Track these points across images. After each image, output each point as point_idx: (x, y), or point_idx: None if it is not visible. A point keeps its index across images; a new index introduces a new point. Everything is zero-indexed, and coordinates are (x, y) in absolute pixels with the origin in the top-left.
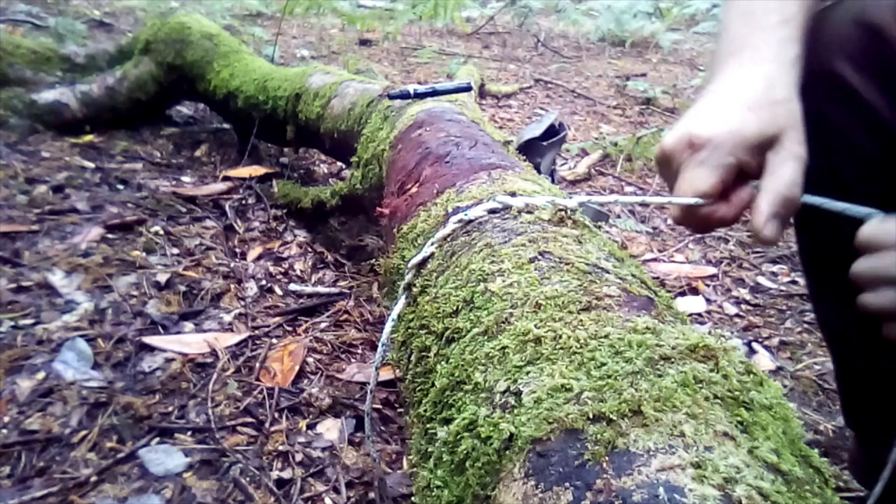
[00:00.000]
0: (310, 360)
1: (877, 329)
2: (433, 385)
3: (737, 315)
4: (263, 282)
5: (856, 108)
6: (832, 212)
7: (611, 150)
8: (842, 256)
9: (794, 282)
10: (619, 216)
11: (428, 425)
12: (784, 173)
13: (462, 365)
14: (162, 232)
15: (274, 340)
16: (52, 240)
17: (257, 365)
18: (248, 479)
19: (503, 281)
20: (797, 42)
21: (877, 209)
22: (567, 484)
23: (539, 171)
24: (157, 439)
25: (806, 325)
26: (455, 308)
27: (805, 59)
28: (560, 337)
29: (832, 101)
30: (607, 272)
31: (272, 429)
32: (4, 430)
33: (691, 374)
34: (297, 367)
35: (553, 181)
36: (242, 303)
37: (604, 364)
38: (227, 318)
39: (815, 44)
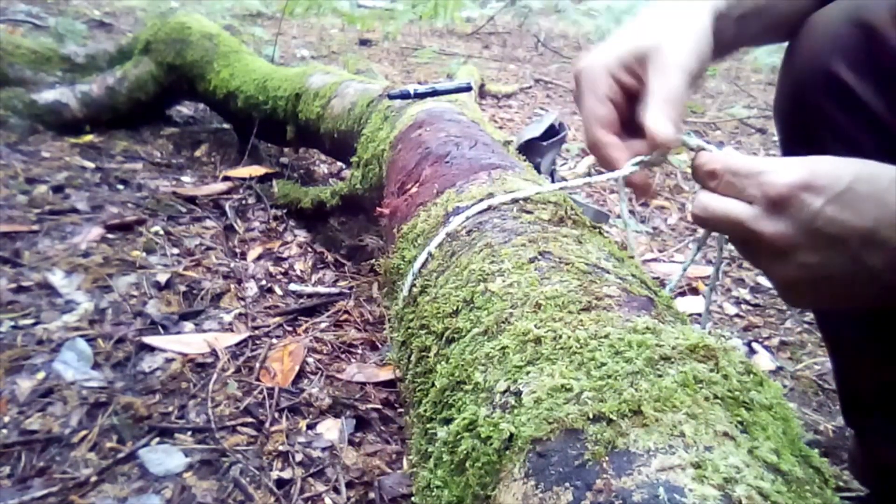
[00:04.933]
0: (310, 360)
1: (877, 329)
2: (433, 385)
3: (737, 315)
4: (263, 282)
5: (852, 106)
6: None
7: None
8: None
9: None
10: (619, 216)
11: (428, 425)
12: (661, 81)
13: (462, 365)
14: (162, 232)
15: (274, 340)
16: (52, 240)
17: (257, 365)
18: (248, 479)
19: (503, 281)
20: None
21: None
22: (567, 484)
23: (539, 171)
24: (157, 439)
25: (806, 325)
26: (455, 308)
27: (803, 57)
28: (560, 337)
29: (830, 99)
30: (607, 272)
31: (272, 429)
32: (4, 430)
33: (691, 374)
34: (297, 367)
35: (553, 181)
36: (242, 303)
37: (604, 364)
38: (227, 318)
39: (811, 43)
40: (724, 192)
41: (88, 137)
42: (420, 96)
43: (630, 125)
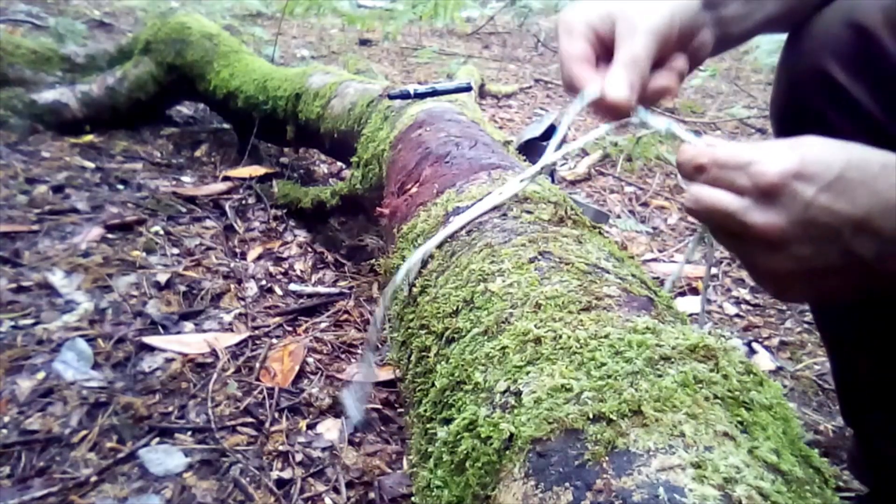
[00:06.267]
0: (310, 360)
1: (876, 329)
2: (433, 385)
3: (737, 315)
4: (263, 282)
5: (847, 107)
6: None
7: (611, 150)
8: None
9: None
10: (619, 216)
11: (428, 425)
12: (626, 43)
13: (462, 365)
14: (162, 232)
15: (274, 340)
16: (52, 240)
17: (257, 365)
18: (248, 479)
19: (503, 281)
20: None
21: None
22: (567, 484)
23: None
24: (157, 439)
25: (806, 325)
26: (455, 308)
27: (798, 58)
28: (560, 337)
29: (824, 100)
30: (607, 272)
31: (272, 429)
32: (4, 430)
33: (691, 374)
34: (297, 367)
35: (553, 181)
36: (242, 303)
37: (604, 364)
38: (227, 318)
39: (807, 44)
40: (713, 185)
41: (88, 137)
42: (420, 96)
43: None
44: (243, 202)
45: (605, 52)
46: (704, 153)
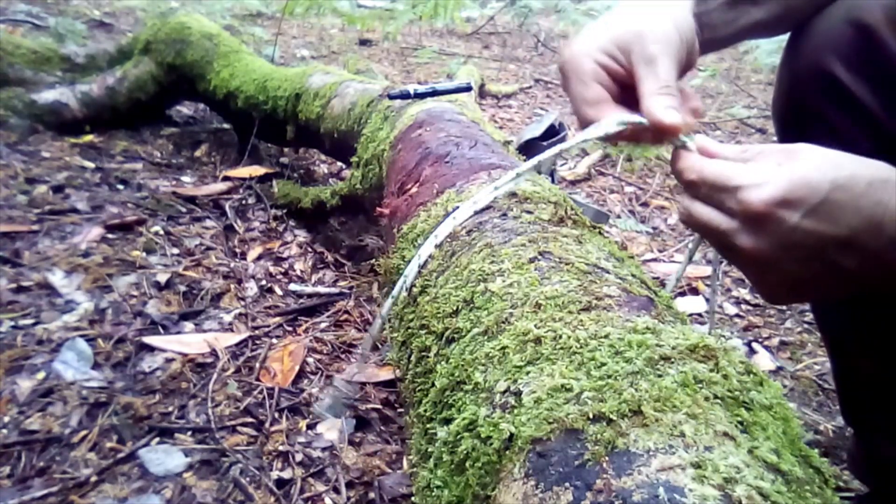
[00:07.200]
0: (310, 360)
1: (877, 332)
2: (433, 385)
3: (737, 315)
4: (263, 282)
5: (849, 106)
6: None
7: (611, 150)
8: None
9: None
10: (619, 216)
11: (428, 425)
12: (650, 70)
13: (462, 365)
14: (162, 232)
15: (274, 340)
16: (52, 240)
17: (257, 365)
18: (248, 479)
19: (503, 281)
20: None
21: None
22: (567, 484)
23: (539, 172)
24: (157, 439)
25: (806, 325)
26: (455, 308)
27: (800, 57)
28: (560, 337)
29: (827, 100)
30: (607, 272)
31: (272, 429)
32: (4, 430)
33: (691, 374)
34: (297, 367)
35: (553, 181)
36: (242, 303)
37: (604, 364)
38: (227, 318)
39: (809, 43)
40: (705, 201)
41: (88, 137)
42: (420, 96)
43: (624, 106)
44: (243, 202)
45: (617, 83)
46: (694, 168)
